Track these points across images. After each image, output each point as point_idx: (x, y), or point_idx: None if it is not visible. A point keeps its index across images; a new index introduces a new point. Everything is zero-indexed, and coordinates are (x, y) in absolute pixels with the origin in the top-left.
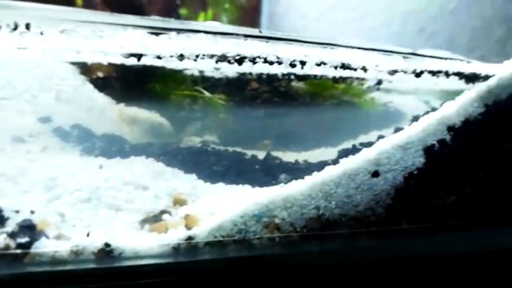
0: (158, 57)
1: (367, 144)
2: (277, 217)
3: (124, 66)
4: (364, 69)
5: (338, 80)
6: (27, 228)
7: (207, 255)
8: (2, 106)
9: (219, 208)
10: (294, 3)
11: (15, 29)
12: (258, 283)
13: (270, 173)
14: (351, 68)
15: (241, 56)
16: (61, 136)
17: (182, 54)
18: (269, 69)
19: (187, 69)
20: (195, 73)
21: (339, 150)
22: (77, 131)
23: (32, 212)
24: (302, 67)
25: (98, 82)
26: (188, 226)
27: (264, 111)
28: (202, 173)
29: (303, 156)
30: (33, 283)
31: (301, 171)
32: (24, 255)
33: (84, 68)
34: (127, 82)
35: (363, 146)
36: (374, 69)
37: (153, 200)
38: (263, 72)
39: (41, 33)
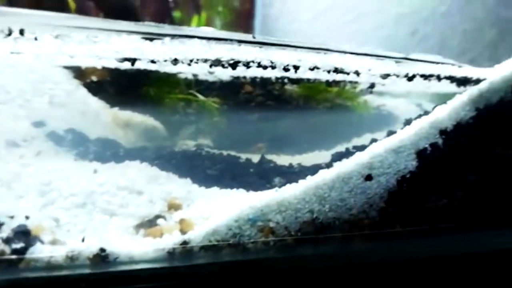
0: (152, 61)
1: (360, 148)
2: (271, 221)
3: (118, 70)
4: (357, 73)
5: (331, 84)
6: (22, 233)
7: (202, 260)
8: None
9: (213, 212)
10: (287, 6)
11: (9, 35)
12: (253, 287)
13: (264, 176)
14: (344, 72)
15: (235, 61)
16: (55, 141)
17: (176, 59)
18: (263, 73)
19: (181, 73)
20: (189, 77)
21: (332, 153)
22: (71, 136)
23: (27, 217)
24: (295, 71)
25: (92, 86)
26: (183, 231)
27: (258, 114)
28: (197, 177)
29: (297, 159)
30: None
31: (295, 174)
32: (19, 261)
33: (78, 72)
34: (121, 86)
35: (356, 150)
36: (366, 73)
37: (147, 205)
38: (257, 76)
39: (35, 39)
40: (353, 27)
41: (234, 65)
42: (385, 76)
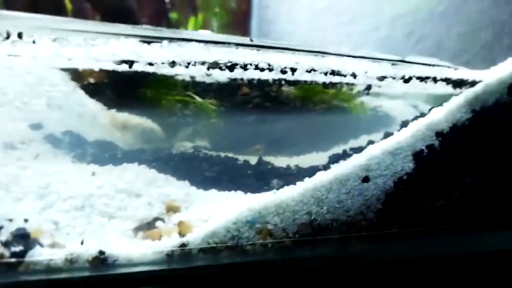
0: (150, 63)
1: (357, 149)
2: (269, 223)
3: (115, 72)
4: (353, 75)
5: (328, 86)
6: (21, 236)
7: (200, 262)
8: None
9: (212, 214)
10: (283, 7)
11: (8, 38)
12: None
13: (262, 178)
14: (341, 74)
15: (232, 63)
16: (52, 143)
17: (173, 61)
18: (260, 75)
19: (178, 75)
20: (186, 79)
21: (329, 155)
22: (69, 138)
23: (25, 220)
24: (292, 73)
25: (89, 88)
26: (181, 233)
27: (255, 116)
28: (195, 179)
29: (295, 160)
30: None
31: (293, 176)
32: (19, 264)
33: (75, 74)
34: (118, 88)
35: (353, 151)
36: (363, 75)
37: (146, 207)
38: (254, 78)
39: (33, 42)
40: (349, 28)
41: (231, 67)
42: (382, 78)
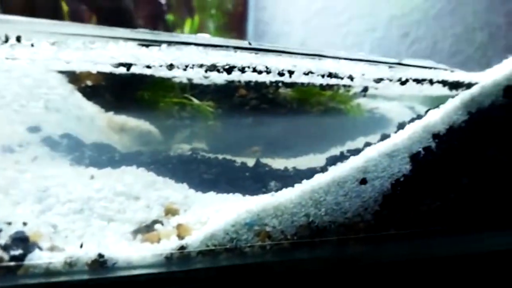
0: (148, 66)
1: (355, 151)
2: (268, 225)
3: (112, 74)
4: (350, 77)
5: (325, 87)
6: (20, 240)
7: (199, 264)
8: None
9: (210, 217)
10: (280, 9)
11: (6, 42)
12: None
13: (260, 180)
14: (338, 76)
15: (230, 66)
16: (50, 146)
17: (171, 64)
18: (257, 77)
19: (175, 77)
20: (184, 81)
21: (327, 157)
22: (67, 141)
23: (24, 223)
24: (290, 76)
25: (86, 91)
26: (180, 236)
27: (252, 118)
28: (193, 182)
29: (292, 162)
30: None
31: (291, 178)
32: (18, 268)
33: (72, 77)
34: (116, 91)
35: (350, 153)
36: (360, 78)
37: (145, 210)
38: (251, 80)
39: (32, 45)
40: (345, 30)
41: (229, 70)
42: (379, 81)
